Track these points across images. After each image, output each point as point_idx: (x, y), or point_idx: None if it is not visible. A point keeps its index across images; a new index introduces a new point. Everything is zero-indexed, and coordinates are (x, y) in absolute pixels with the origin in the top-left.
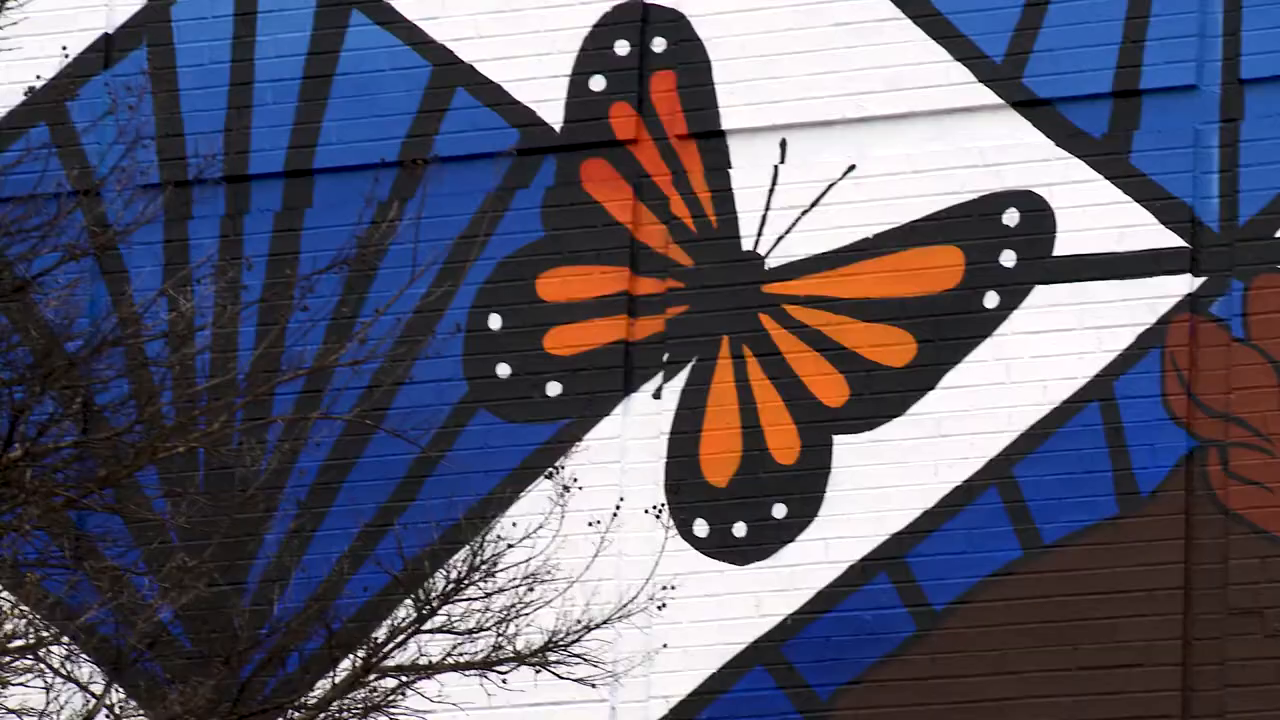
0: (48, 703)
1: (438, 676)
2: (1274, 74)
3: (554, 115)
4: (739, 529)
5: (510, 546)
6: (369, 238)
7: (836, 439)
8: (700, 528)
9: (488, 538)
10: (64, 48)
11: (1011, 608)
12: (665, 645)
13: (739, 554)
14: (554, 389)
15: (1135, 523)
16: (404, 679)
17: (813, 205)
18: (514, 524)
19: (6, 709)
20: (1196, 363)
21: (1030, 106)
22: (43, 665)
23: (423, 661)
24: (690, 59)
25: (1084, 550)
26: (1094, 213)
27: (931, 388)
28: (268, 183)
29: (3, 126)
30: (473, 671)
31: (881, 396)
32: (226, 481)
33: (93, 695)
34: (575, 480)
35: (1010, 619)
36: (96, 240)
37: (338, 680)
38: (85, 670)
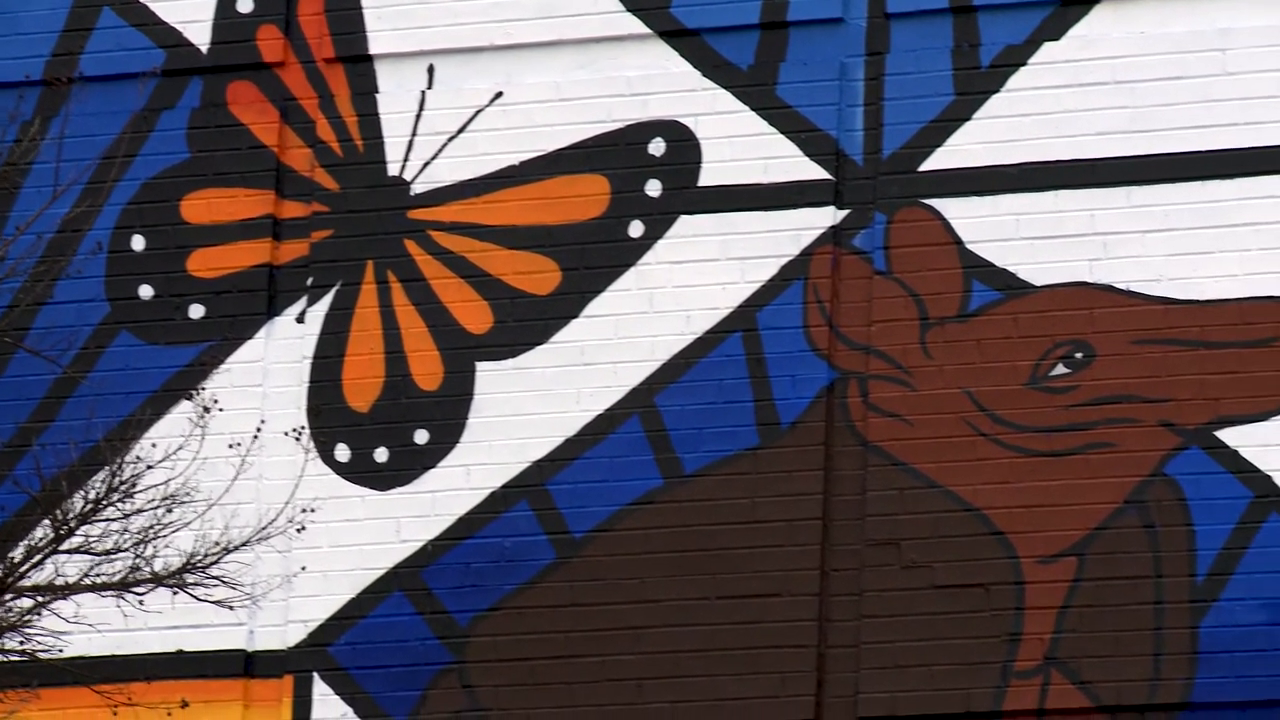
0: None
1: (74, 597)
2: (919, 8)
3: (200, 36)
4: (380, 454)
5: (149, 468)
6: (11, 155)
7: (479, 366)
8: (342, 452)
9: (127, 459)
10: None
11: (651, 536)
12: (304, 569)
13: (380, 479)
14: (197, 311)
15: (775, 453)
16: (40, 599)
17: (459, 132)
18: (153, 445)
19: None
20: (838, 295)
21: (677, 36)
22: None
23: (59, 582)
24: None
25: (724, 480)
26: (739, 144)
27: (575, 316)
28: None
29: None
30: (110, 592)
31: (525, 324)
32: None
33: None
34: (216, 402)
35: (650, 548)
36: None
37: None
38: None
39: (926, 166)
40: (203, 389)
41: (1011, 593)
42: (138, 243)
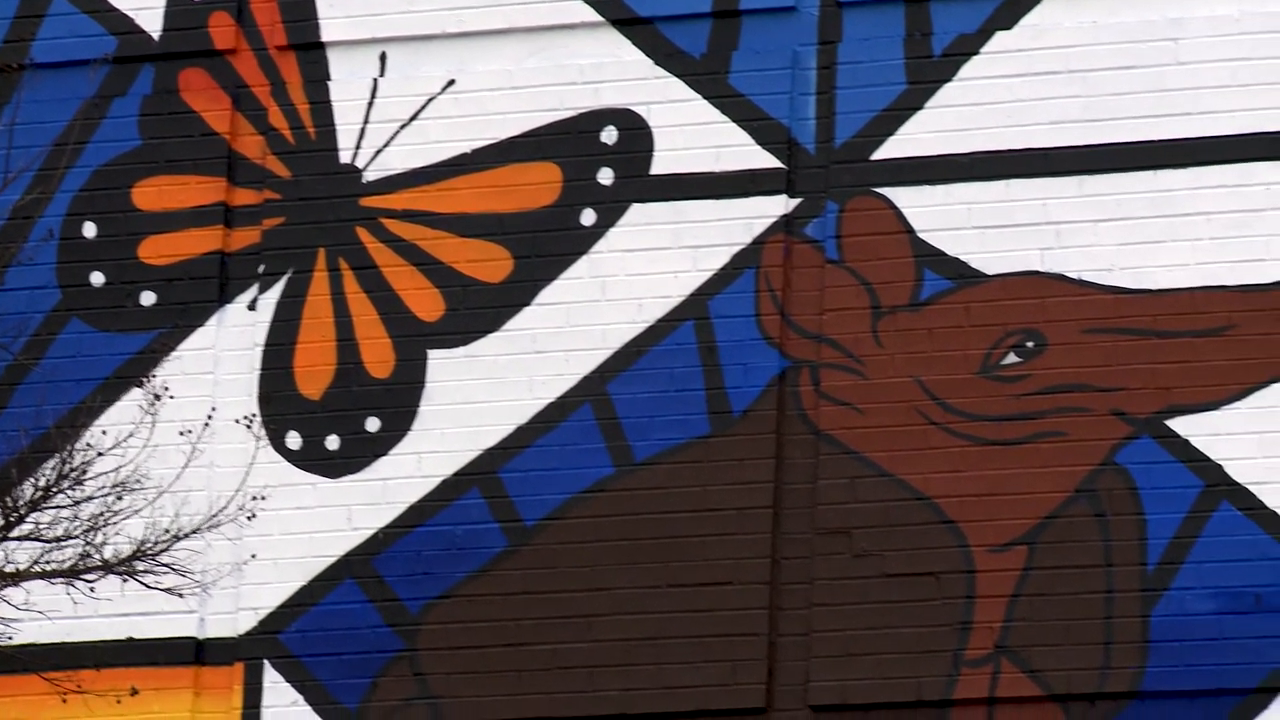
0: None
1: (24, 584)
2: None
3: (152, 23)
4: (332, 441)
5: (100, 455)
6: None
7: (431, 354)
8: (293, 440)
9: (77, 446)
10: None
11: (602, 524)
12: (254, 556)
13: (331, 466)
14: (148, 298)
15: (726, 441)
16: None
17: (411, 119)
18: (104, 432)
19: None
20: (790, 283)
21: (630, 24)
22: None
23: (9, 569)
24: None
25: (675, 468)
26: (692, 132)
27: (527, 304)
28: None
29: None
30: (60, 580)
31: (477, 312)
32: None
33: None
34: (167, 389)
35: (601, 535)
36: None
37: None
38: None
39: (878, 155)
40: (154, 376)
41: (962, 581)
42: (89, 229)
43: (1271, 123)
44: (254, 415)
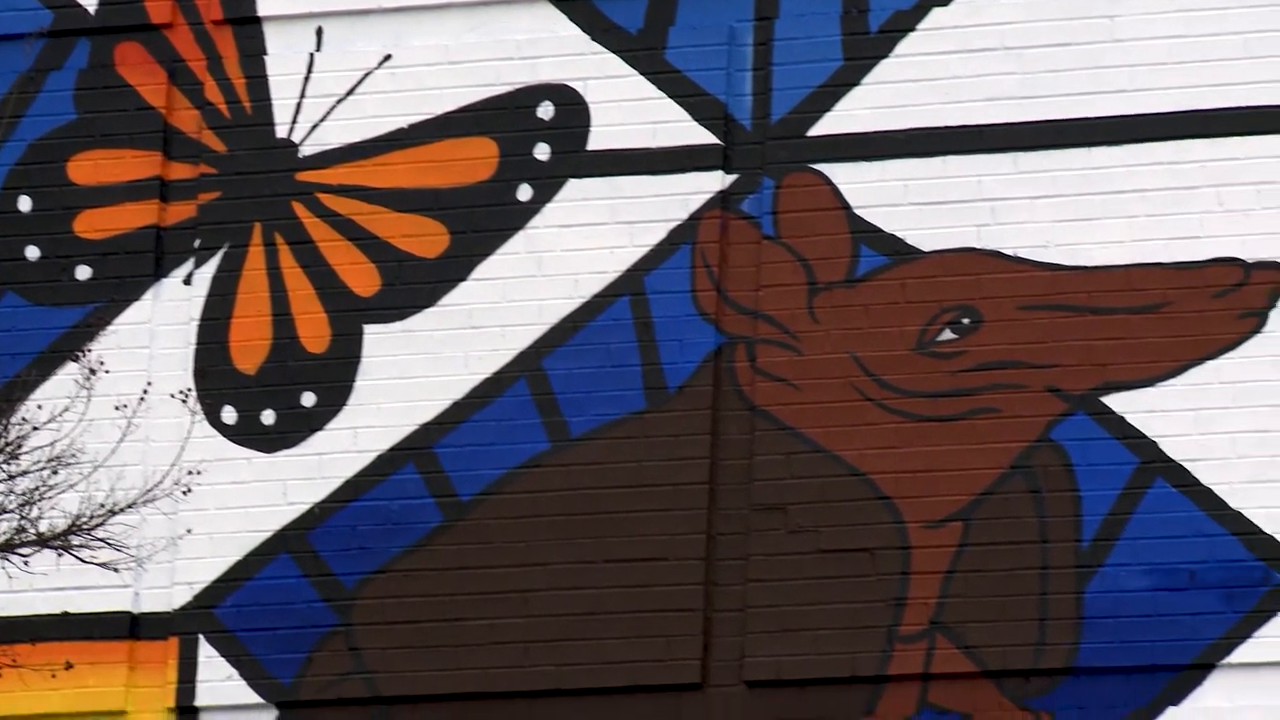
0: None
1: None
2: None
3: None
4: (268, 416)
5: (35, 429)
6: None
7: (367, 329)
8: (229, 414)
9: (12, 420)
10: None
11: (538, 500)
12: (190, 531)
13: (267, 441)
14: (83, 273)
15: (662, 417)
16: None
17: (348, 94)
18: (39, 407)
19: None
20: (726, 259)
21: (567, 0)
22: None
23: None
24: None
25: (611, 444)
26: (628, 108)
27: (463, 279)
28: None
29: None
30: None
31: (413, 287)
32: None
33: None
34: (102, 364)
35: (537, 511)
36: None
37: None
38: None
39: (815, 131)
40: (89, 350)
41: (897, 557)
42: (24, 204)
43: (1207, 100)
44: (189, 390)
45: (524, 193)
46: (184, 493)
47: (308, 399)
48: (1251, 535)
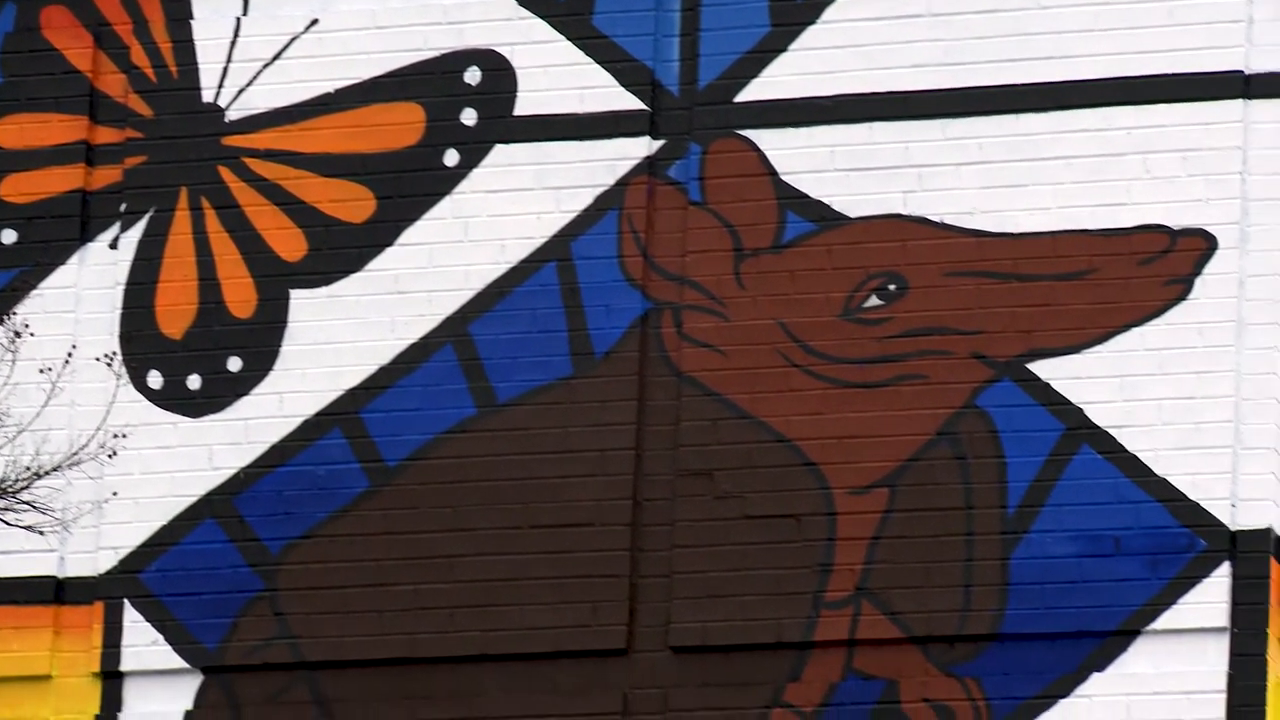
0: None
1: None
2: None
3: None
4: (193, 381)
5: None
6: None
7: (293, 293)
8: (154, 379)
9: None
10: None
11: (464, 465)
12: (115, 495)
13: (193, 406)
14: (9, 236)
15: (589, 383)
16: None
17: (275, 59)
18: None
19: None
20: (653, 225)
21: None
22: None
23: None
24: None
25: (538, 409)
26: (555, 73)
27: (390, 244)
28: None
29: None
30: None
31: (339, 252)
32: None
33: None
34: (28, 327)
35: (463, 476)
36: None
37: None
38: None
39: (742, 98)
40: (14, 314)
41: (823, 523)
42: None
43: (1132, 67)
44: (115, 354)
45: (451, 158)
46: (109, 456)
47: (234, 364)
48: (1176, 502)
